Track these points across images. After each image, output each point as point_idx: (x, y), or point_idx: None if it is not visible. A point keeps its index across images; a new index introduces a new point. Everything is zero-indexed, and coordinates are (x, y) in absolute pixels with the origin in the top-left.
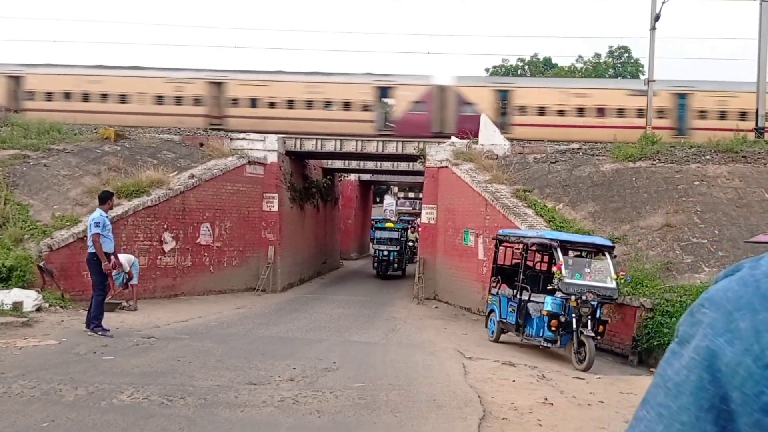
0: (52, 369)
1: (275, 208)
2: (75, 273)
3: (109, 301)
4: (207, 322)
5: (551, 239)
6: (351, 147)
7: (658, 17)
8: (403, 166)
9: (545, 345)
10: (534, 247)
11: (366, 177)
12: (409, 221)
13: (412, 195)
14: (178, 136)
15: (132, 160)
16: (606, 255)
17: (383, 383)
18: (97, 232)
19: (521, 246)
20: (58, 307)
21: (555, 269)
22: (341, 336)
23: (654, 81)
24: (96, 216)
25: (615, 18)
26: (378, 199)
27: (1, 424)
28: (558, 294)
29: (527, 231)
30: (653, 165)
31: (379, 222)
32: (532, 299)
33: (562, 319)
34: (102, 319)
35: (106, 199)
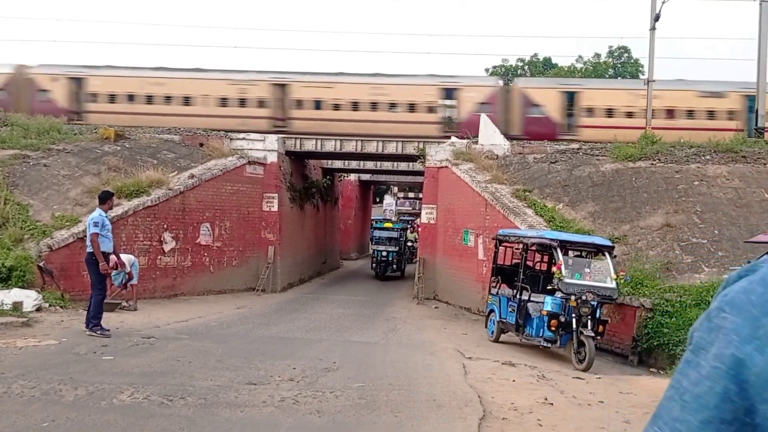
0: (52, 369)
1: (275, 208)
2: (75, 273)
3: (109, 301)
4: (207, 322)
5: (551, 239)
6: (351, 147)
7: (658, 17)
8: (403, 166)
9: (545, 345)
10: (534, 247)
11: (366, 177)
12: (409, 221)
13: (412, 195)
14: (177, 136)
15: (132, 160)
16: (606, 255)
17: (383, 383)
18: (96, 231)
19: (521, 246)
20: (58, 307)
21: (555, 269)
22: (341, 336)
23: (654, 81)
24: (95, 216)
25: (615, 18)
26: (378, 199)
27: (1, 424)
28: (558, 294)
29: (527, 231)
30: (653, 165)
31: (378, 222)
32: (532, 299)
33: (561, 319)
34: (101, 319)
35: (105, 199)
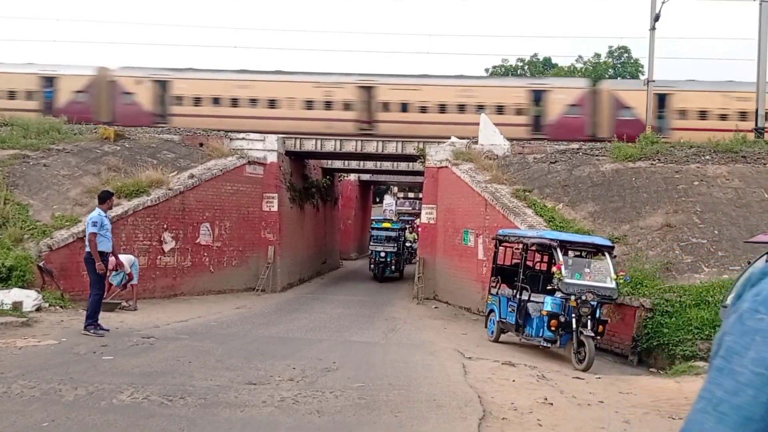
0: (51, 369)
1: (275, 208)
2: (75, 273)
3: (109, 301)
4: (207, 322)
5: (551, 239)
6: (351, 147)
7: (657, 17)
8: (403, 166)
9: (545, 345)
10: (534, 247)
11: (366, 177)
12: (409, 221)
13: (411, 195)
14: (177, 136)
15: (132, 160)
16: (606, 255)
17: (383, 383)
18: (94, 231)
19: (521, 246)
20: (57, 307)
21: (555, 269)
22: (341, 336)
23: (653, 81)
24: (94, 215)
25: (615, 18)
26: (378, 199)
27: (1, 424)
28: (558, 294)
29: (527, 231)
30: (653, 165)
31: (376, 222)
32: (531, 299)
33: (561, 319)
34: (97, 319)
35: (105, 199)
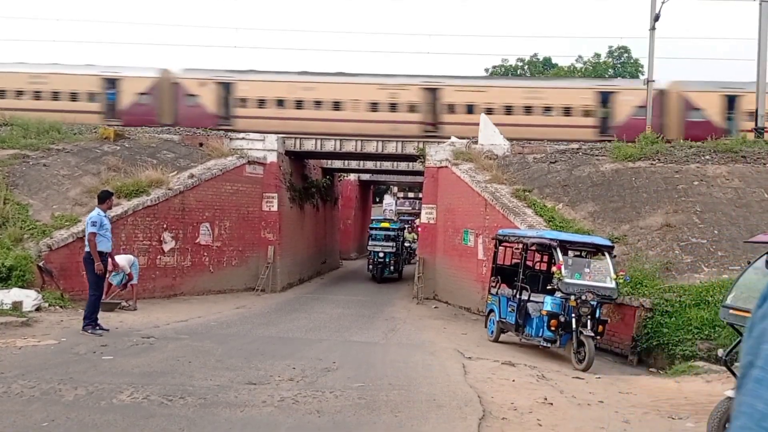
0: (51, 369)
1: (275, 208)
2: (74, 273)
3: (109, 301)
4: (207, 322)
5: (551, 239)
6: (350, 147)
7: (657, 17)
8: (403, 166)
9: (545, 345)
10: (534, 247)
11: (366, 177)
12: (409, 221)
13: (411, 195)
14: (177, 135)
15: (131, 159)
16: (605, 255)
17: (383, 383)
18: (93, 231)
19: (521, 246)
20: (57, 307)
21: (555, 269)
22: (341, 336)
23: (653, 81)
24: (93, 215)
25: (615, 18)
26: (378, 199)
27: (1, 424)
28: (557, 294)
29: (527, 231)
30: (653, 165)
31: (375, 221)
32: (531, 299)
33: (561, 319)
34: (94, 318)
35: (104, 199)
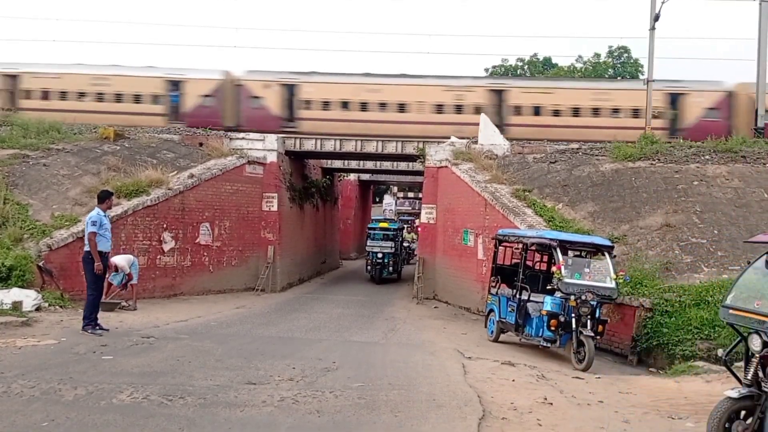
0: (51, 369)
1: (275, 207)
2: (74, 273)
3: (109, 301)
4: (206, 321)
5: (551, 239)
6: (350, 147)
7: (657, 17)
8: (403, 165)
9: (545, 345)
10: (533, 247)
11: (365, 177)
12: (408, 221)
13: (411, 195)
14: (177, 135)
15: (131, 159)
16: (605, 255)
17: (383, 383)
18: (93, 230)
19: (521, 246)
20: (57, 307)
21: (554, 269)
22: (341, 336)
23: (653, 81)
24: (93, 215)
25: (615, 18)
26: (378, 199)
27: (1, 424)
28: (557, 294)
29: (527, 231)
30: (652, 165)
31: (374, 221)
32: (531, 299)
33: (561, 319)
34: (94, 318)
35: (104, 199)
